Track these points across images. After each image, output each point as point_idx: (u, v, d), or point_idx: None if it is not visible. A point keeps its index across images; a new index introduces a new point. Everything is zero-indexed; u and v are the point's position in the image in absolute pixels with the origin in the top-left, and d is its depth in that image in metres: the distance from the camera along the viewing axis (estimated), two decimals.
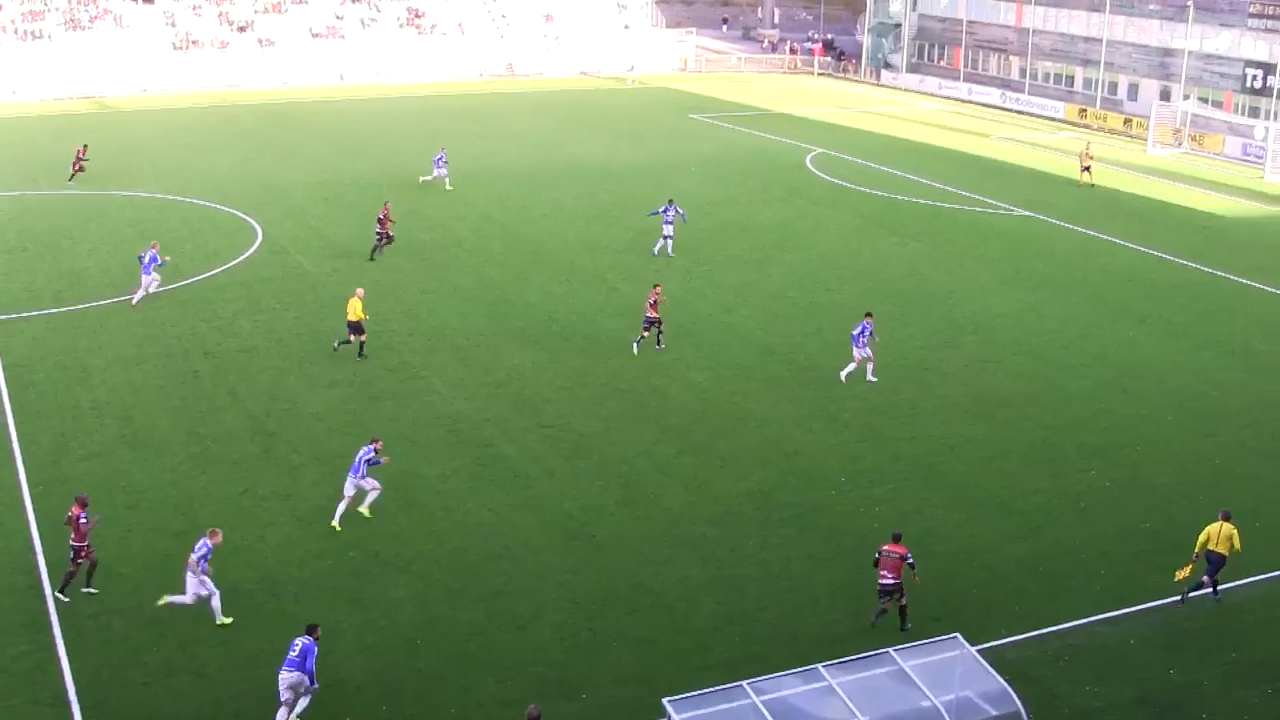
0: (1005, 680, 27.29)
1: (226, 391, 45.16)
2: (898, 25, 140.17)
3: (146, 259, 54.91)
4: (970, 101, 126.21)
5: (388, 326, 51.77)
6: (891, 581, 31.65)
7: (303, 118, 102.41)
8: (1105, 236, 70.67)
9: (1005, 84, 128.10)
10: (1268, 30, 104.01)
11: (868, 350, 47.76)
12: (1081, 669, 30.33)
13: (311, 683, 27.78)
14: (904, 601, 31.75)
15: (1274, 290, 62.34)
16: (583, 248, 64.40)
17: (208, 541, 31.03)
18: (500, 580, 33.13)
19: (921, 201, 78.05)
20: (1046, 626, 31.94)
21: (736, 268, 61.97)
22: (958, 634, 28.33)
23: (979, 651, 28.31)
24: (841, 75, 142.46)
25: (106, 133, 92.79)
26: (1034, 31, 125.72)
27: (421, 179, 78.25)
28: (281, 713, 27.66)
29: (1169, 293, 61.37)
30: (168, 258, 56.54)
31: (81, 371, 46.78)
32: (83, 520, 31.92)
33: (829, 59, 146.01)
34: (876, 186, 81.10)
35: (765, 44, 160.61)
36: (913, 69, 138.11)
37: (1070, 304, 58.52)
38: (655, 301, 50.20)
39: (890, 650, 27.70)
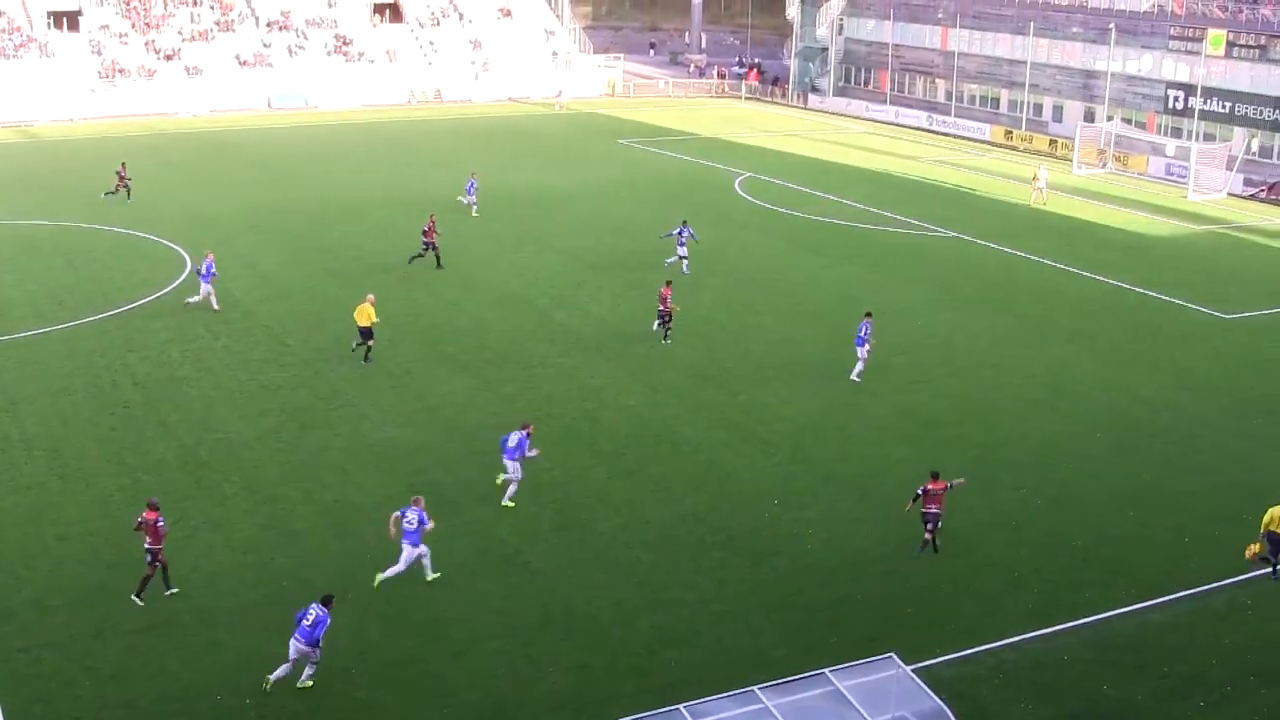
0: (941, 699, 27.43)
1: (157, 422, 44.87)
2: (824, 49, 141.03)
3: (204, 268, 57.18)
4: (897, 124, 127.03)
5: (319, 355, 51.63)
6: (936, 510, 36.49)
7: (231, 146, 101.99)
8: (1033, 256, 71.28)
9: (931, 106, 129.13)
10: (1188, 53, 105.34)
11: (865, 349, 50.27)
12: (1016, 686, 30.55)
13: (314, 650, 29.21)
14: (932, 531, 36.53)
15: (1197, 307, 63.05)
16: (513, 274, 64.39)
17: (420, 512, 33.75)
18: (435, 607, 33.05)
19: (850, 224, 78.50)
20: (981, 644, 32.14)
21: None
22: (893, 654, 28.47)
23: (914, 671, 28.45)
24: (769, 99, 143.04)
25: (33, 162, 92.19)
26: (959, 54, 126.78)
27: (459, 199, 78.83)
28: (282, 668, 29.22)
29: (1096, 311, 61.95)
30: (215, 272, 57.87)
31: (9, 403, 46.39)
32: (160, 524, 32.96)
33: (758, 84, 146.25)
34: (805, 209, 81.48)
35: (693, 69, 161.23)
36: (840, 92, 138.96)
37: (999, 324, 58.99)
38: (665, 297, 54.16)
39: (826, 671, 27.82)
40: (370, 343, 51.10)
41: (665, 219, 74.74)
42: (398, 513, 34.16)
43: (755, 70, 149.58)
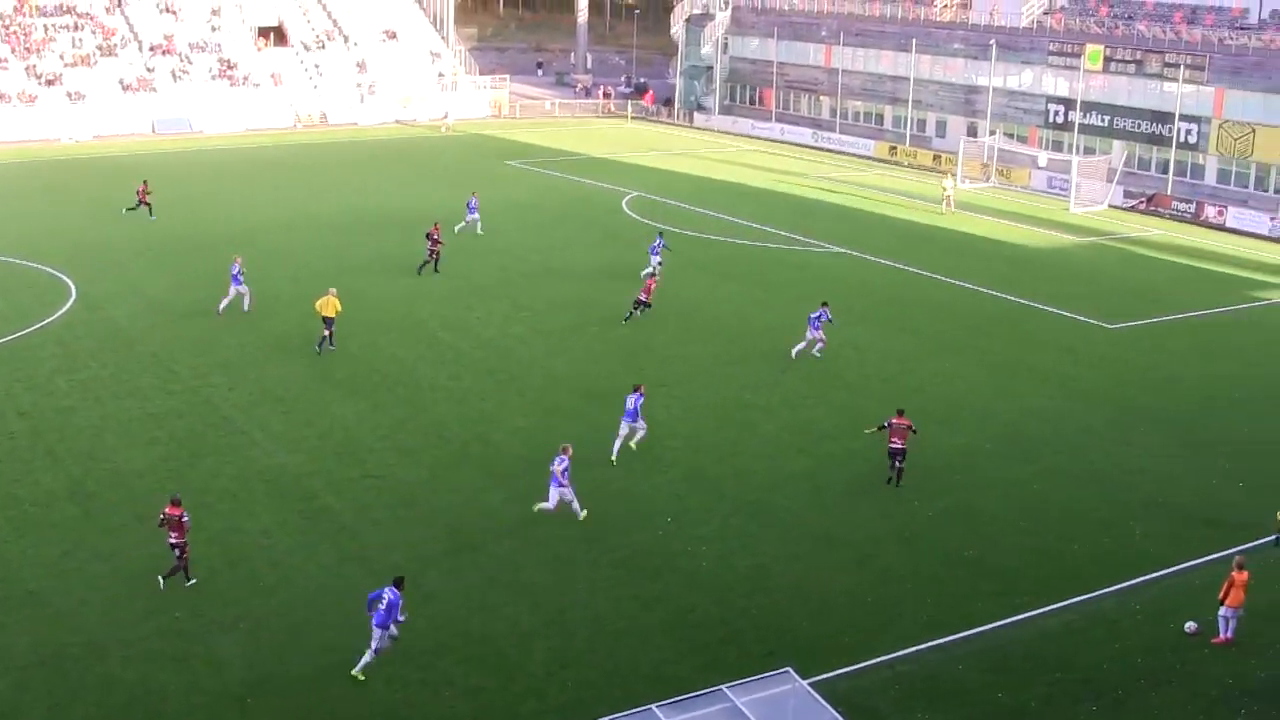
0: (839, 712, 27.53)
1: (44, 452, 44.24)
2: (709, 68, 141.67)
3: (234, 271, 60.39)
4: (783, 141, 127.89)
5: (207, 382, 51.14)
6: (899, 446, 42.30)
7: (115, 171, 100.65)
8: (920, 270, 71.95)
9: (817, 123, 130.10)
10: (1067, 67, 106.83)
11: (821, 333, 54.86)
12: (912, 697, 30.78)
13: (383, 627, 31.01)
14: (903, 465, 42.39)
15: (1082, 318, 63.92)
16: (402, 297, 64.10)
17: (564, 457, 38.86)
18: (329, 635, 32.80)
19: (739, 241, 78.89)
20: (877, 656, 32.37)
21: (557, 312, 62.10)
22: (789, 668, 28.58)
23: (811, 685, 28.55)
24: (655, 119, 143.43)
25: None
26: (843, 71, 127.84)
27: (460, 225, 78.50)
28: (366, 657, 31.05)
29: (983, 324, 62.63)
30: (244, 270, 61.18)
31: None
32: (185, 519, 34.91)
33: (650, 105, 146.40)
34: (693, 228, 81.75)
35: (579, 89, 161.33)
36: (725, 111, 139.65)
37: (888, 337, 59.49)
38: (649, 289, 60.94)
39: (723, 687, 27.84)
40: (329, 331, 55.02)
41: (554, 240, 74.73)
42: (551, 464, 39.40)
43: (649, 93, 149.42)
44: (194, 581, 35.27)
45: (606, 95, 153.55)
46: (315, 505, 40.14)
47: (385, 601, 31.09)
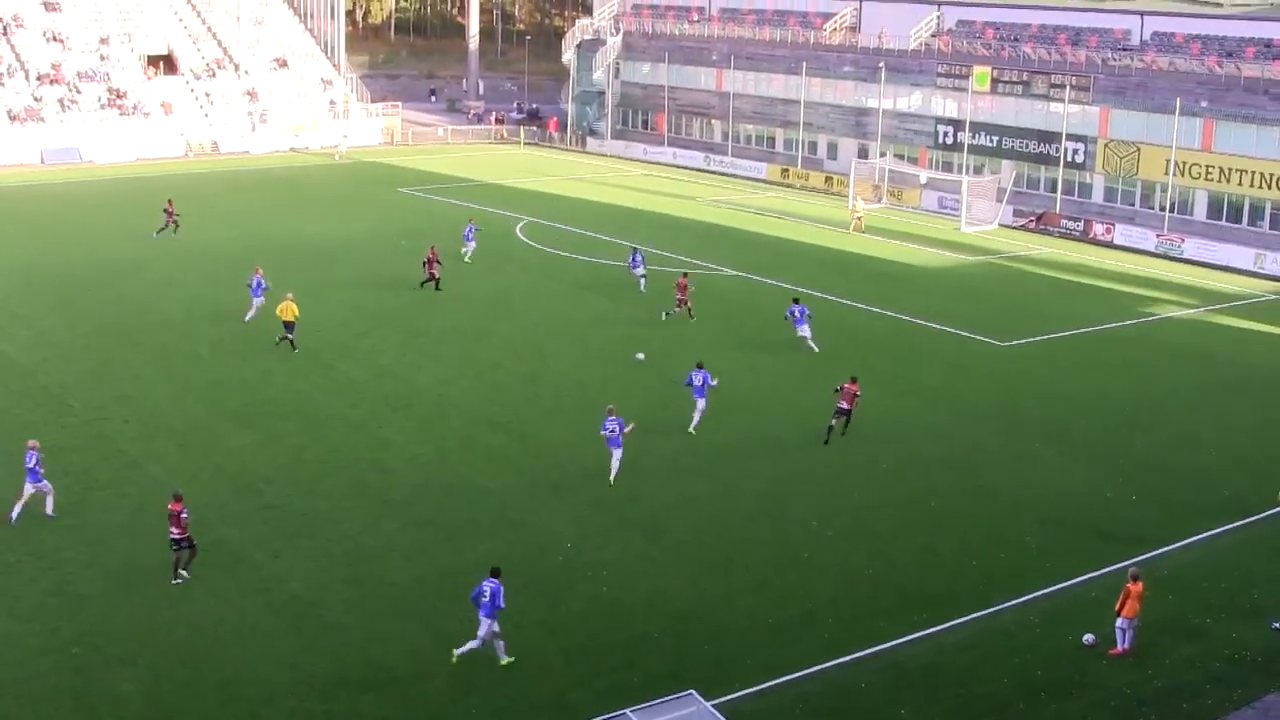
0: None
1: None
2: (601, 93, 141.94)
3: (254, 283, 63.42)
4: (676, 165, 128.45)
5: (100, 415, 50.60)
6: (846, 407, 49.00)
7: (1, 203, 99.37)
8: (813, 292, 72.34)
9: (709, 147, 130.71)
10: (955, 89, 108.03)
11: (806, 328, 60.58)
12: (816, 716, 31.01)
13: (491, 617, 32.72)
14: (847, 421, 49.15)
15: (974, 336, 64.66)
16: (298, 326, 63.63)
17: (617, 420, 44.76)
18: (230, 667, 32.52)
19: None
20: (779, 677, 32.53)
21: (452, 339, 61.98)
22: (693, 690, 28.65)
23: (715, 706, 28.64)
24: (547, 144, 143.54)
25: None
26: (734, 95, 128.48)
27: (468, 257, 78.97)
28: (471, 644, 32.66)
29: (876, 343, 63.20)
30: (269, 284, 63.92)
31: None
32: (184, 515, 36.81)
33: (554, 132, 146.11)
34: (587, 253, 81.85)
35: (471, 115, 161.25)
36: (618, 135, 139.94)
37: (783, 359, 59.84)
38: (684, 286, 66.41)
39: (627, 711, 27.87)
40: (291, 336, 58.81)
41: (447, 267, 74.44)
42: (601, 431, 44.61)
43: (554, 120, 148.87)
44: (182, 581, 36.81)
45: (499, 121, 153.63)
46: (212, 538, 39.72)
47: (488, 593, 32.71)
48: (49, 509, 41.10)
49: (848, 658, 33.63)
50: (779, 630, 35.12)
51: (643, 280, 72.00)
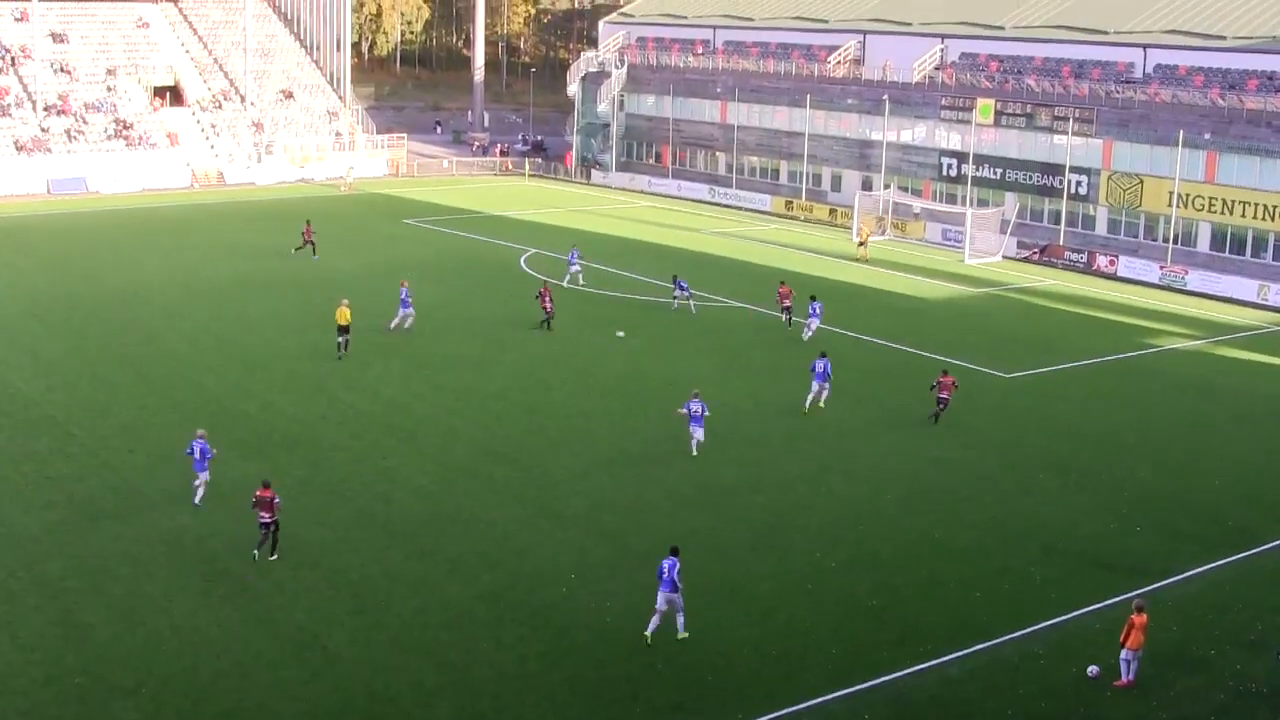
0: None
1: None
2: (606, 125, 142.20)
3: (403, 294, 68.61)
4: (680, 197, 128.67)
5: (105, 445, 50.62)
6: (945, 396, 55.91)
7: (9, 232, 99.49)
8: (819, 324, 72.37)
9: (713, 179, 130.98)
10: (959, 121, 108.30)
11: (816, 321, 66.89)
12: None
13: (678, 595, 35.70)
14: (943, 410, 55.99)
15: (979, 368, 64.64)
16: (301, 357, 63.77)
17: (700, 403, 50.72)
18: (233, 698, 32.49)
19: (637, 297, 79.16)
20: (783, 708, 32.51)
21: (457, 369, 62.06)
22: None
23: None
24: (552, 176, 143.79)
25: None
26: (739, 127, 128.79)
27: (580, 280, 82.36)
28: (654, 620, 35.56)
29: (881, 375, 63.24)
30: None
31: None
32: (276, 500, 40.19)
33: (568, 166, 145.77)
34: (591, 284, 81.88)
35: (476, 147, 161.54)
36: (622, 168, 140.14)
37: (789, 390, 59.78)
38: (786, 294, 72.49)
39: None
40: (347, 338, 63.09)
41: (452, 298, 74.65)
42: (681, 409, 50.61)
43: (569, 154, 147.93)
44: (275, 558, 40.06)
45: (504, 153, 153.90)
46: (216, 567, 39.81)
47: (666, 569, 35.66)
48: (197, 499, 44.64)
49: (851, 689, 33.60)
50: (782, 661, 35.10)
51: (691, 304, 75.53)
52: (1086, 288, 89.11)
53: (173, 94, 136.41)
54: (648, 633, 35.64)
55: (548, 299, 70.91)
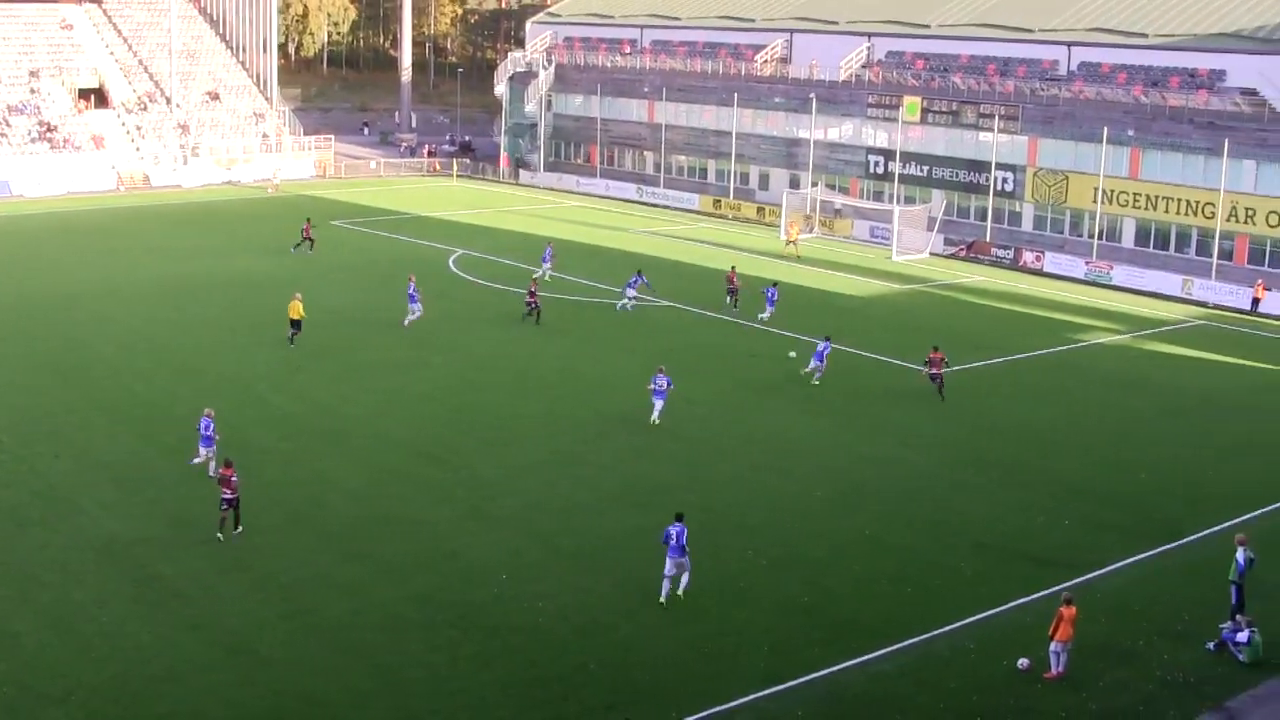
0: None
1: None
2: (533, 125, 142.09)
3: (410, 290, 70.89)
4: (608, 197, 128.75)
5: (32, 451, 50.16)
6: (937, 372, 59.23)
7: None
8: (747, 322, 72.65)
9: (641, 179, 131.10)
10: (886, 119, 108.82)
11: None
12: None
13: (686, 558, 38.18)
14: (941, 383, 59.36)
15: (907, 364, 64.94)
16: (231, 360, 63.43)
17: (665, 377, 54.34)
18: (165, 704, 32.28)
19: (566, 297, 79.12)
20: (715, 706, 32.55)
21: (385, 372, 61.86)
22: None
23: None
24: (481, 176, 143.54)
25: None
26: (666, 127, 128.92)
27: (548, 276, 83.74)
28: (666, 586, 38.00)
29: (811, 373, 63.39)
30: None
31: None
32: (234, 479, 42.02)
33: (506, 167, 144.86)
34: (521, 285, 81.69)
35: (404, 148, 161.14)
36: (550, 167, 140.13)
37: (718, 390, 59.98)
38: (732, 278, 76.92)
39: None
40: (299, 332, 65.52)
41: (380, 300, 74.50)
42: (649, 385, 54.21)
43: (505, 155, 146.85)
44: (241, 530, 42.19)
45: (431, 154, 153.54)
46: (147, 573, 39.57)
47: (674, 535, 38.02)
48: (211, 471, 46.63)
49: (784, 686, 33.72)
50: (715, 660, 35.19)
51: (630, 303, 76.48)
52: (1013, 284, 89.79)
53: (97, 96, 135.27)
54: (662, 599, 37.89)
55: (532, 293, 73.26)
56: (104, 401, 56.61)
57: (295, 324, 65.52)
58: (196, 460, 48.14)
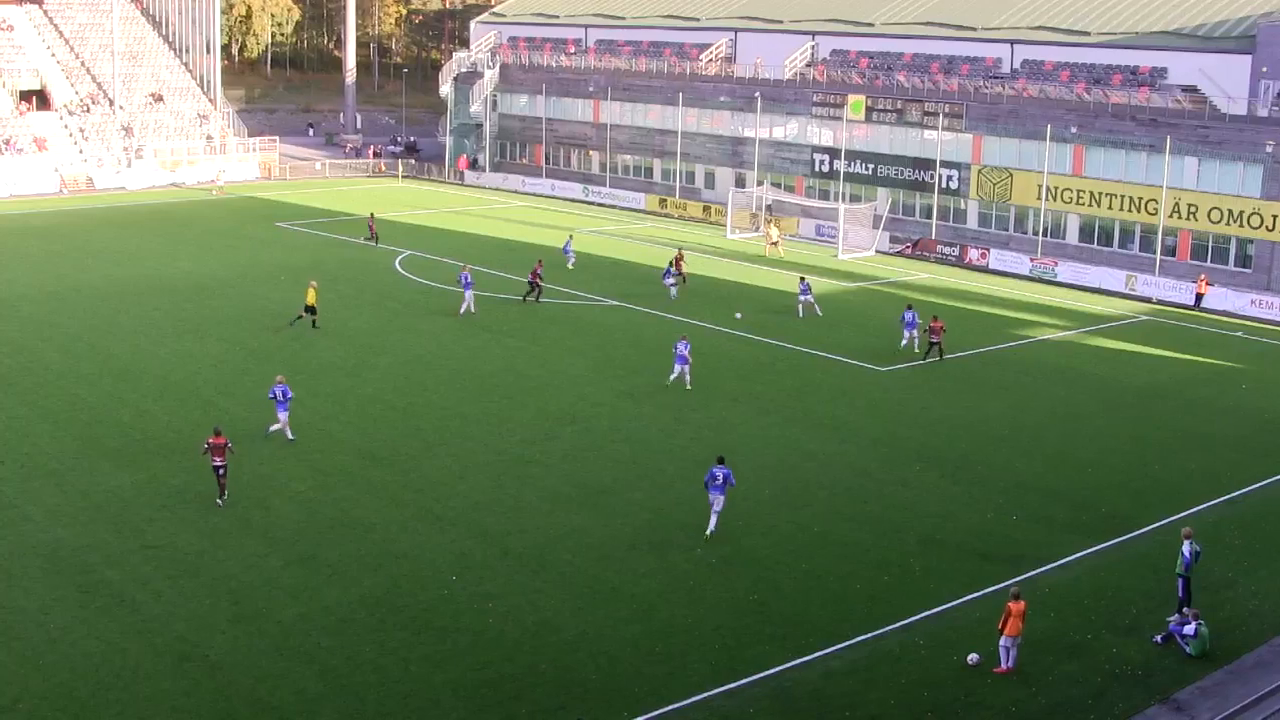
0: None
1: None
2: (479, 125, 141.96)
3: (463, 279, 74.73)
4: (554, 197, 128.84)
5: None
6: (936, 340, 65.59)
7: None
8: (693, 321, 72.71)
9: (587, 178, 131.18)
10: (831, 118, 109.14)
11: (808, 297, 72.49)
12: None
13: (723, 495, 42.95)
14: (940, 343, 66.22)
15: (854, 362, 65.20)
16: (176, 363, 63.11)
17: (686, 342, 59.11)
18: (112, 711, 32.06)
19: (512, 298, 79.00)
20: (666, 705, 32.59)
21: (331, 375, 61.65)
22: None
23: None
24: (426, 177, 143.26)
25: None
26: (612, 126, 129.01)
27: (570, 265, 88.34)
28: (713, 520, 42.94)
29: (757, 371, 63.56)
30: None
31: None
32: (229, 445, 45.17)
33: (464, 169, 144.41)
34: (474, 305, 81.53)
35: (349, 149, 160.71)
36: (496, 168, 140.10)
37: (660, 389, 59.96)
38: (679, 260, 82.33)
39: None
40: (314, 316, 69.47)
41: (326, 302, 74.09)
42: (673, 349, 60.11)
43: (463, 157, 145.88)
44: (224, 500, 45.04)
45: (376, 155, 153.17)
46: (94, 579, 39.32)
47: (720, 476, 42.55)
48: (289, 435, 52.03)
49: (734, 684, 33.77)
50: (665, 659, 35.19)
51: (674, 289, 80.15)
52: (959, 280, 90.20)
53: (39, 98, 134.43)
54: (709, 531, 42.90)
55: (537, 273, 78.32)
56: (47, 406, 56.20)
57: (310, 309, 69.37)
58: (275, 427, 51.75)
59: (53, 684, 33.32)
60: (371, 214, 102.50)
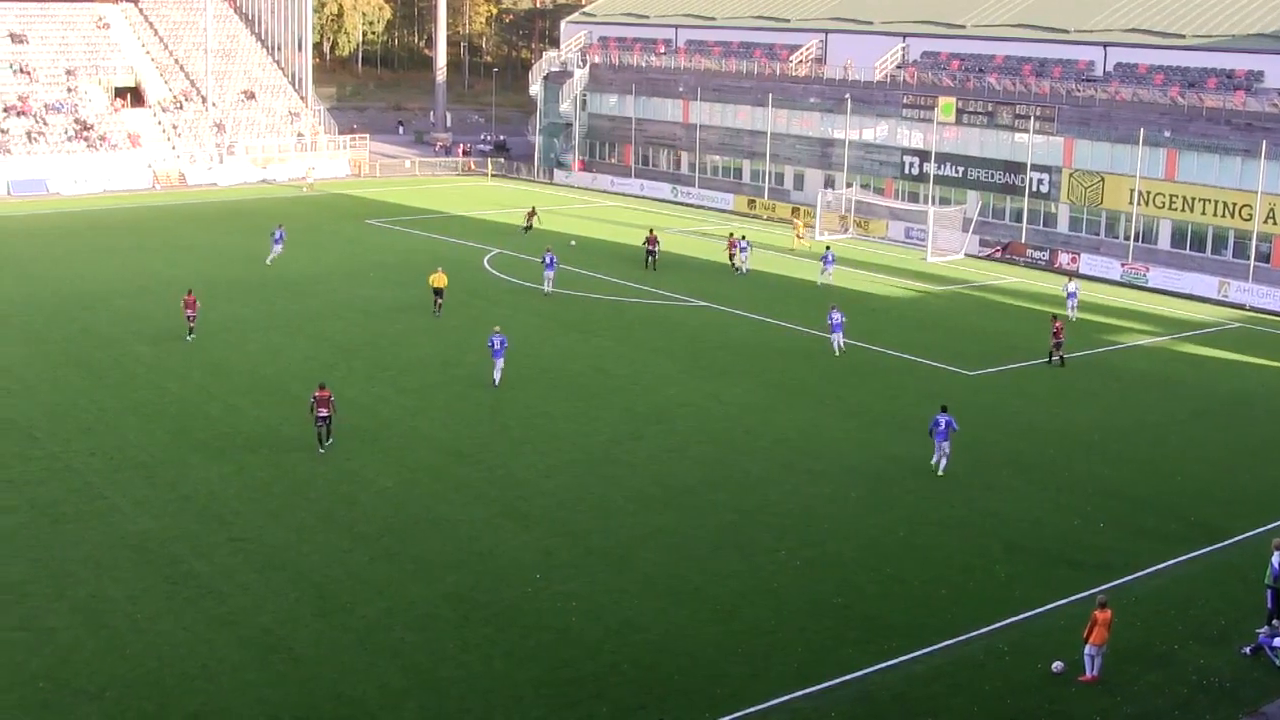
0: None
1: None
2: (568, 125, 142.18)
3: (547, 259, 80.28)
4: (643, 197, 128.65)
5: (67, 448, 50.33)
6: (1057, 340, 66.42)
7: None
8: (779, 322, 72.64)
9: (676, 179, 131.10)
10: (921, 120, 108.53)
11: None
12: None
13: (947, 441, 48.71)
14: (1063, 352, 66.89)
15: (942, 365, 64.81)
16: (264, 358, 63.59)
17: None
18: (198, 700, 32.36)
19: (600, 297, 79.11)
20: (748, 707, 32.50)
21: (419, 371, 61.94)
22: None
23: None
24: (515, 176, 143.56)
25: None
26: (701, 127, 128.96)
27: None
28: (943, 461, 49.26)
29: (843, 373, 63.30)
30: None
31: None
32: (332, 398, 50.22)
33: (579, 170, 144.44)
34: (560, 285, 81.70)
35: (438, 147, 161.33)
36: (585, 167, 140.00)
37: (749, 389, 59.90)
38: (732, 243, 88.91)
39: None
40: (440, 300, 73.33)
41: (415, 299, 74.50)
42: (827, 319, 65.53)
43: (580, 161, 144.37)
44: (330, 443, 50.27)
45: (466, 153, 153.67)
46: (181, 570, 39.68)
47: (942, 424, 48.72)
48: (497, 380, 59.35)
49: (817, 687, 33.64)
50: (748, 660, 35.11)
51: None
52: (1048, 285, 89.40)
53: (133, 95, 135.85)
54: (939, 469, 49.21)
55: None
56: (137, 399, 56.76)
57: (438, 292, 73.14)
58: (499, 376, 59.40)
59: (140, 672, 33.65)
60: (533, 207, 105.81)
